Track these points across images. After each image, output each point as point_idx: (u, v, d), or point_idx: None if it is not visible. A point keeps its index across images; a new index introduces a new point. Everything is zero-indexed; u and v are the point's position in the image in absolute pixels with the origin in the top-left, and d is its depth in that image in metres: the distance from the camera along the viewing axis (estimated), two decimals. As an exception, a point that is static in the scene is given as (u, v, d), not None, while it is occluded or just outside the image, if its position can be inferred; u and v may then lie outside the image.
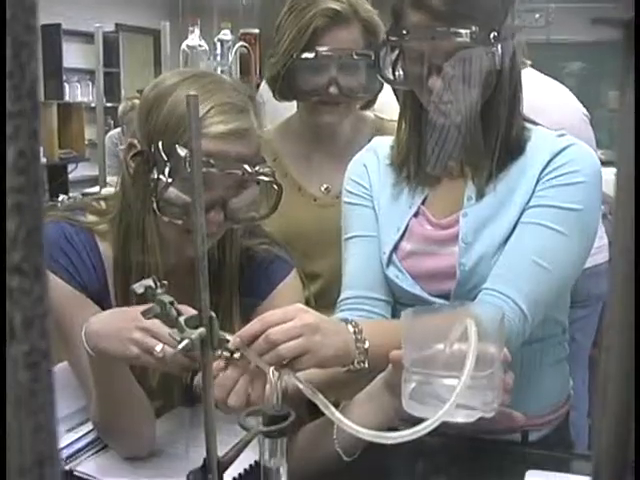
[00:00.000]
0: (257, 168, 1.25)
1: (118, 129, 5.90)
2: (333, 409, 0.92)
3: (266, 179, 1.27)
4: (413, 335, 0.99)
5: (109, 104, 6.44)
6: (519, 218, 1.30)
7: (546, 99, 2.39)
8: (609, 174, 1.45)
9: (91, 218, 1.38)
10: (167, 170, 1.20)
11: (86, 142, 7.56)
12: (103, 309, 1.30)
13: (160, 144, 1.22)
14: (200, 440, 1.30)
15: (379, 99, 1.76)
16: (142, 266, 1.29)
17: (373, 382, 1.18)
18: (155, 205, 1.23)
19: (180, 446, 1.37)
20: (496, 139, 1.32)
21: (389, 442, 0.87)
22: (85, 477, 1.27)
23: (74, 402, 1.37)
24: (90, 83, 7.72)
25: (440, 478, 1.23)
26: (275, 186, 1.29)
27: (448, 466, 1.28)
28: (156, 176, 1.21)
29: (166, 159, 1.21)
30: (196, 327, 0.70)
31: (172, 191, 1.21)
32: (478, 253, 1.30)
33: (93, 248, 1.35)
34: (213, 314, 0.70)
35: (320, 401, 0.93)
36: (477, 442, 1.34)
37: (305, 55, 1.62)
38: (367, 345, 1.13)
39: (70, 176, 7.45)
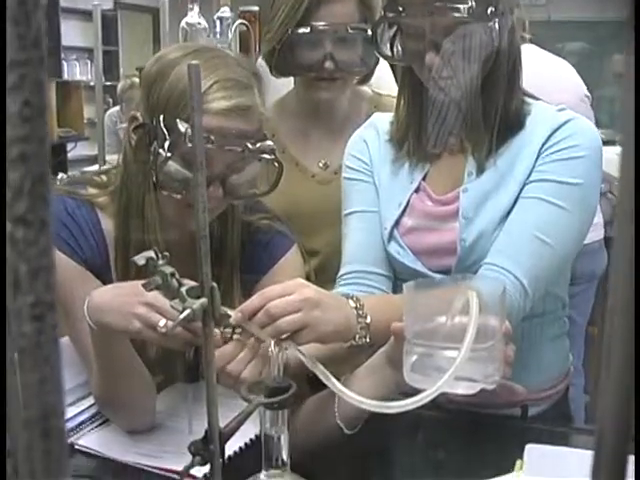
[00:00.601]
0: (258, 145, 1.24)
1: (117, 107, 5.88)
2: (334, 380, 0.92)
3: (267, 157, 1.27)
4: (415, 307, 0.99)
5: (108, 82, 6.40)
6: (519, 193, 1.29)
7: (547, 77, 2.39)
8: (609, 153, 1.46)
9: (92, 191, 1.38)
10: (167, 144, 1.20)
11: (85, 121, 7.53)
12: (104, 283, 1.30)
13: (161, 118, 1.22)
14: (201, 415, 1.31)
15: (376, 74, 1.76)
16: (142, 239, 1.28)
17: (374, 356, 1.18)
18: (154, 179, 1.22)
19: (181, 420, 1.38)
20: (495, 114, 1.31)
21: (390, 412, 0.87)
22: (86, 450, 1.28)
23: (75, 377, 1.37)
24: (89, 61, 7.68)
25: (440, 452, 1.24)
26: (276, 164, 1.29)
27: (448, 440, 1.28)
28: (156, 150, 1.21)
29: (166, 133, 1.20)
30: (198, 297, 0.70)
31: (172, 165, 1.21)
32: (478, 228, 1.30)
33: (95, 221, 1.35)
34: (214, 284, 0.70)
35: (321, 372, 0.93)
36: (477, 416, 1.34)
37: (300, 30, 1.61)
38: (369, 320, 1.13)
39: (69, 155, 7.42)
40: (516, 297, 1.22)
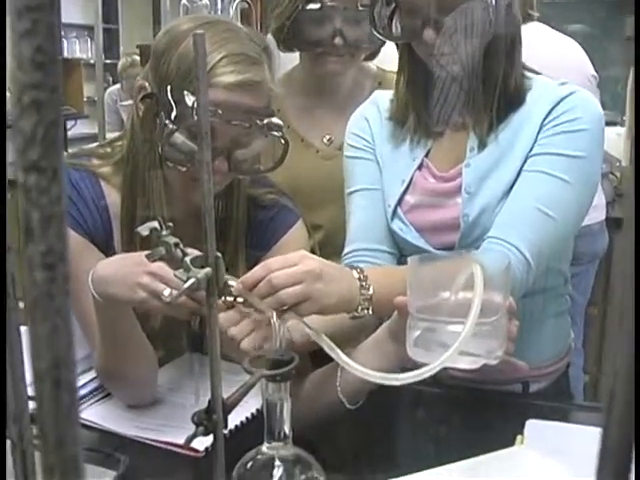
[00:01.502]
0: (265, 122, 1.24)
1: (117, 85, 5.86)
2: (340, 352, 0.92)
3: (275, 134, 1.26)
4: (419, 281, 0.99)
5: (108, 60, 6.38)
6: (522, 167, 1.29)
7: (554, 56, 2.38)
8: (612, 133, 1.46)
9: (96, 162, 1.38)
10: (174, 116, 1.19)
11: (85, 99, 7.50)
12: (106, 255, 1.30)
13: (169, 89, 1.21)
14: (204, 390, 1.32)
15: (383, 50, 1.75)
16: (147, 211, 1.28)
17: (378, 330, 1.18)
18: (160, 150, 1.22)
19: (182, 395, 1.38)
20: (495, 89, 1.31)
21: (395, 384, 0.87)
22: (87, 424, 1.28)
23: (77, 351, 1.37)
24: (89, 39, 7.65)
25: (441, 428, 1.24)
26: (282, 141, 1.28)
27: (449, 416, 1.29)
28: (163, 121, 1.20)
29: (174, 105, 1.20)
30: (202, 267, 0.70)
31: (178, 137, 1.21)
32: (481, 203, 1.30)
33: (98, 193, 1.35)
34: (219, 254, 0.70)
35: (327, 344, 0.93)
36: (478, 392, 1.35)
37: (310, 6, 1.61)
38: (371, 292, 1.13)
39: (69, 133, 7.40)
40: (519, 270, 1.22)
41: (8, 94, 0.37)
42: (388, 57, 1.84)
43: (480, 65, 1.28)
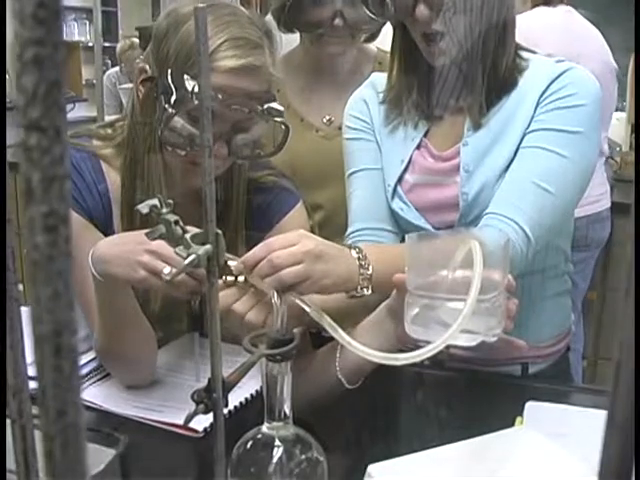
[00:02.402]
0: (266, 107, 1.23)
1: (116, 68, 5.83)
2: (341, 331, 0.92)
3: (276, 119, 1.25)
4: (417, 259, 0.98)
5: (107, 43, 6.36)
6: (520, 144, 1.29)
7: (578, 42, 2.38)
8: (612, 119, 1.45)
9: (97, 144, 1.37)
10: (173, 100, 1.19)
11: (83, 82, 7.48)
12: (105, 235, 1.29)
13: (169, 72, 1.20)
14: (203, 371, 1.32)
15: (383, 31, 1.75)
16: (147, 193, 1.28)
17: (377, 309, 1.18)
18: (159, 133, 1.21)
19: (181, 376, 1.39)
20: (488, 69, 1.30)
21: (395, 363, 0.86)
22: (87, 404, 1.28)
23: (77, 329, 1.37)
24: (87, 22, 7.61)
25: (440, 410, 1.24)
26: (283, 126, 1.27)
27: (448, 398, 1.29)
28: (162, 105, 1.20)
29: (174, 88, 1.19)
30: (202, 244, 0.69)
31: (177, 121, 1.20)
32: (480, 182, 1.30)
33: (99, 174, 1.35)
34: (219, 231, 0.69)
35: (328, 324, 0.93)
36: (478, 374, 1.35)
37: None
38: (371, 271, 1.12)
39: (68, 116, 7.37)
40: (519, 244, 1.22)
41: (8, 77, 0.37)
42: (388, 37, 1.84)
43: (474, 44, 1.28)
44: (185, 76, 1.18)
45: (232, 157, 1.28)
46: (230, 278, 1.06)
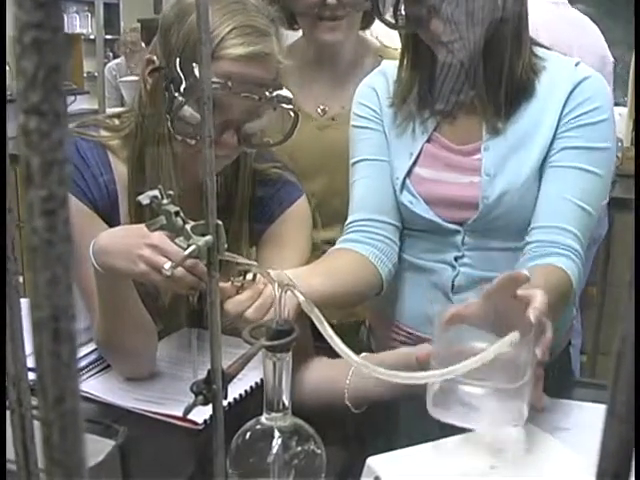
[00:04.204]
0: (275, 94, 1.23)
1: (117, 60, 5.83)
2: (327, 327, 0.90)
3: (285, 107, 1.25)
4: (444, 338, 0.97)
5: (108, 36, 6.35)
6: (544, 153, 1.30)
7: (574, 35, 2.38)
8: (615, 115, 1.45)
9: (105, 134, 1.37)
10: (182, 88, 1.19)
11: (85, 75, 7.47)
12: (111, 226, 1.30)
13: (177, 62, 1.20)
14: (203, 364, 1.32)
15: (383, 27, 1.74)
16: (155, 184, 1.28)
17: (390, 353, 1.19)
18: (170, 123, 1.21)
19: (180, 368, 1.39)
20: (504, 72, 1.30)
21: (397, 380, 0.86)
22: (87, 396, 1.28)
23: (77, 322, 1.37)
24: (89, 14, 7.59)
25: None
26: (292, 113, 1.27)
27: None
28: (172, 94, 1.20)
29: (182, 77, 1.19)
30: (203, 235, 0.69)
31: (186, 110, 1.20)
32: (501, 187, 1.31)
33: (106, 164, 1.35)
34: (219, 222, 0.69)
35: (316, 317, 0.92)
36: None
37: None
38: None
39: (69, 109, 7.35)
40: (579, 269, 1.25)
41: (8, 68, 0.37)
42: (391, 32, 1.83)
43: (487, 49, 1.27)
44: (193, 64, 1.18)
45: (242, 146, 1.28)
46: (238, 278, 1.06)
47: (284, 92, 1.25)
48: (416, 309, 1.44)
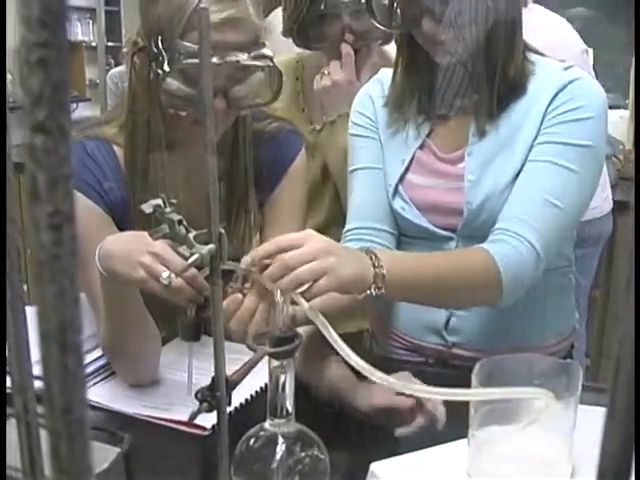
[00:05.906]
0: (253, 54, 1.25)
1: (119, 68, 5.83)
2: (333, 332, 0.91)
3: (259, 64, 1.27)
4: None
5: (110, 43, 6.37)
6: (527, 155, 1.29)
7: (549, 35, 2.37)
8: (614, 116, 1.45)
9: (105, 128, 1.39)
10: (165, 63, 1.21)
11: (86, 82, 7.48)
12: (123, 221, 1.33)
13: (159, 38, 1.23)
14: (206, 371, 1.31)
15: None
16: (151, 165, 1.31)
17: None
18: (160, 98, 1.24)
19: (185, 374, 1.38)
20: (496, 76, 1.30)
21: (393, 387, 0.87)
22: (91, 403, 1.28)
23: (82, 329, 1.38)
24: (90, 22, 7.61)
25: (445, 407, 1.24)
26: (276, 71, 1.30)
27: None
28: (156, 70, 1.23)
29: (164, 52, 1.22)
30: (206, 243, 0.70)
31: (172, 83, 1.23)
32: (484, 192, 1.31)
33: (112, 158, 1.38)
34: (222, 230, 0.70)
35: (321, 323, 0.93)
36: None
37: (314, 7, 1.63)
38: (385, 270, 1.11)
39: (71, 117, 7.36)
40: (532, 264, 1.23)
41: (9, 76, 0.37)
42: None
43: (480, 51, 1.28)
44: (172, 38, 1.21)
45: (233, 110, 1.30)
46: (236, 284, 1.06)
47: (264, 50, 1.27)
48: (414, 317, 1.44)
